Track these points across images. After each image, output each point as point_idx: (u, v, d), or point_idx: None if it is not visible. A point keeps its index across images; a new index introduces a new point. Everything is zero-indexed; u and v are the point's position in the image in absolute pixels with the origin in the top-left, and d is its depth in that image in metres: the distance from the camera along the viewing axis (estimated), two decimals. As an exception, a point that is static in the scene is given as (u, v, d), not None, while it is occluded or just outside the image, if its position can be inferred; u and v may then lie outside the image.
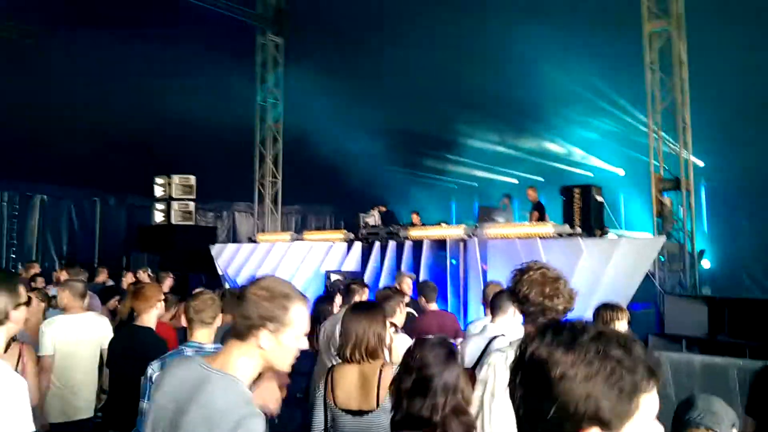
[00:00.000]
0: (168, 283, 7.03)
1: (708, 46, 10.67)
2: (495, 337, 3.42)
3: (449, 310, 8.13)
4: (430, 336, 2.25)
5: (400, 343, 3.32)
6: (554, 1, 11.67)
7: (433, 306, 5.77)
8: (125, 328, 4.08)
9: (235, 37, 14.91)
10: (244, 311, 1.71)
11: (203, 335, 3.08)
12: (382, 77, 15.07)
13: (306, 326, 1.78)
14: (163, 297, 4.08)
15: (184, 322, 3.30)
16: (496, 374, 2.39)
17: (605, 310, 3.81)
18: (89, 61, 12.54)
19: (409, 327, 4.63)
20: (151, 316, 3.83)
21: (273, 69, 15.19)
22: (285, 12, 14.98)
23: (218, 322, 3.21)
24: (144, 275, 8.54)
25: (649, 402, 1.00)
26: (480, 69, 14.17)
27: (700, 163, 13.71)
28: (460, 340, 5.19)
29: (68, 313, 4.28)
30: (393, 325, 3.51)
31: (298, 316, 1.75)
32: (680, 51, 9.00)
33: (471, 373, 3.04)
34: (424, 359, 2.09)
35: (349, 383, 2.73)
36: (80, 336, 4.21)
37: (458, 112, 15.46)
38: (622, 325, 3.78)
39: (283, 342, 1.72)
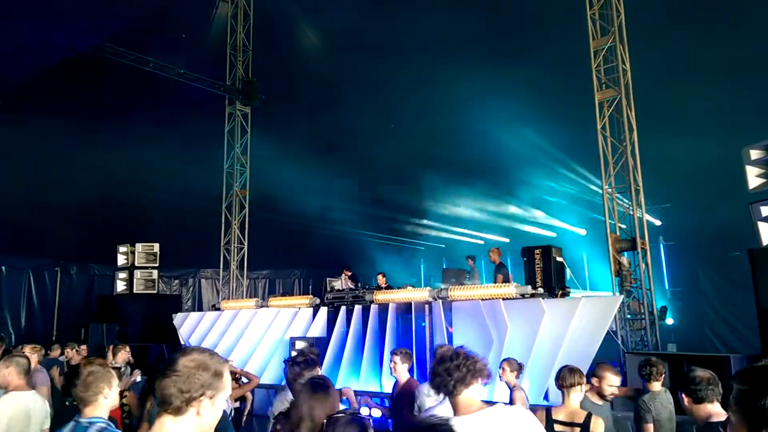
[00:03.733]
0: (122, 356, 6.78)
1: (656, 111, 11.32)
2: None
3: (415, 372, 8.04)
4: (340, 414, 2.20)
5: None
6: (515, 76, 12.24)
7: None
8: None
9: (203, 106, 15.20)
10: (181, 386, 1.73)
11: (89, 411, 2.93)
12: (347, 145, 15.44)
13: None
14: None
15: None
16: None
17: (568, 373, 3.83)
18: (50, 133, 12.58)
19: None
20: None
21: (240, 137, 15.42)
22: (253, 83, 15.38)
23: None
24: (71, 353, 8.22)
25: None
26: (446, 138, 14.66)
27: (658, 223, 14.19)
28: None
29: (13, 390, 4.08)
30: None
31: (228, 379, 1.85)
32: (629, 117, 9.48)
33: None
34: None
35: None
36: (28, 414, 3.99)
37: (425, 177, 15.84)
38: (578, 393, 3.80)
39: (216, 406, 1.80)
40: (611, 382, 4.26)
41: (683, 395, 3.11)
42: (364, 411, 5.17)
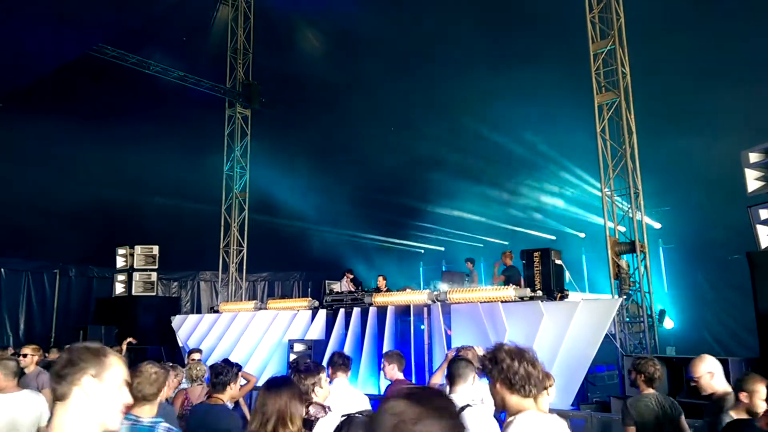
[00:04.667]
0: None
1: (655, 113, 11.32)
2: (463, 408, 3.20)
3: (413, 375, 8.05)
4: (357, 413, 2.17)
5: (327, 424, 3.13)
6: (515, 79, 12.26)
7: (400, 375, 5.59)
8: None
9: (203, 109, 15.21)
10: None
11: (144, 410, 2.99)
12: (347, 147, 15.44)
13: None
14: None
15: None
16: None
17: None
18: (50, 135, 12.59)
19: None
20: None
21: (240, 139, 15.44)
22: (254, 86, 15.40)
23: (162, 396, 3.12)
24: (53, 356, 8.24)
25: None
26: (446, 141, 14.66)
27: (657, 226, 14.19)
28: None
29: (1, 392, 4.10)
30: (314, 404, 3.32)
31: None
32: (629, 121, 9.48)
33: None
34: None
35: None
36: (16, 415, 4.00)
37: (425, 180, 15.85)
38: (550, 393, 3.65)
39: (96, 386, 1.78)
40: (763, 396, 3.52)
41: None
42: None
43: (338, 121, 15.14)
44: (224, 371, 4.14)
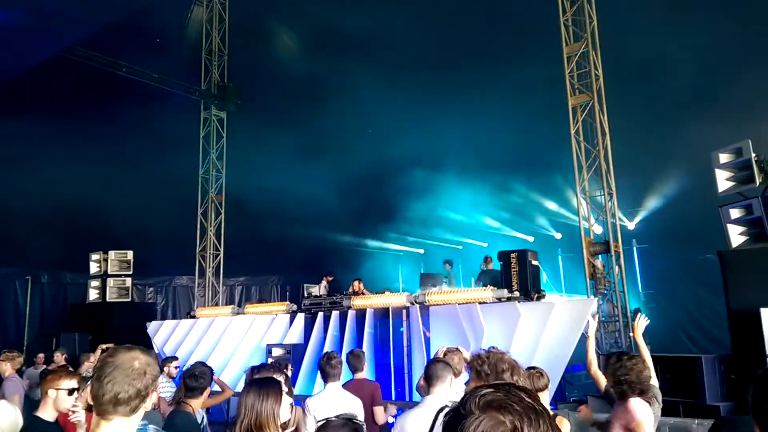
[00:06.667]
0: (86, 365, 6.66)
1: (628, 118, 11.51)
2: (441, 410, 3.24)
3: (392, 377, 8.04)
4: (333, 417, 2.16)
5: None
6: (492, 80, 12.37)
7: (361, 374, 5.56)
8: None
9: (178, 111, 15.02)
10: (138, 386, 1.74)
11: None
12: (324, 148, 15.39)
13: None
14: (58, 385, 3.51)
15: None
16: None
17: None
18: (18, 138, 12.32)
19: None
20: (46, 405, 3.47)
21: (216, 142, 15.28)
22: (229, 88, 15.26)
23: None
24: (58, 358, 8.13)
25: None
26: (424, 142, 14.71)
27: (631, 226, 14.41)
28: (379, 407, 5.13)
29: None
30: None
31: None
32: (602, 122, 9.62)
33: None
34: None
35: None
36: None
37: (403, 182, 15.86)
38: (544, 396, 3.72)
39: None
40: None
41: None
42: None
43: (315, 121, 15.09)
44: (203, 375, 3.88)
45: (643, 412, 3.36)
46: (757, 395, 1.44)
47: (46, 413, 3.44)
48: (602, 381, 3.78)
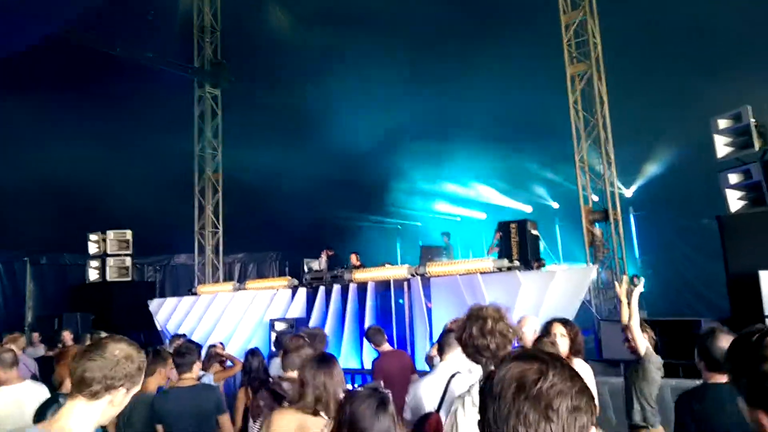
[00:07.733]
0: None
1: (626, 86, 11.45)
2: (453, 376, 3.34)
3: (395, 348, 8.12)
4: (360, 388, 2.20)
5: None
6: (488, 51, 12.24)
7: (386, 347, 5.77)
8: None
9: (172, 89, 14.85)
10: (107, 372, 1.76)
11: None
12: (320, 124, 15.27)
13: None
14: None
15: None
16: (460, 420, 2.37)
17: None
18: (13, 118, 12.18)
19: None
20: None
21: (211, 120, 15.16)
22: (222, 65, 15.07)
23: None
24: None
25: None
26: (420, 115, 14.61)
27: (628, 194, 14.46)
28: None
29: (3, 385, 4.02)
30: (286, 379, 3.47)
31: (142, 376, 1.90)
32: (600, 91, 9.59)
33: (437, 417, 3.02)
34: (354, 414, 2.05)
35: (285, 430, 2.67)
36: (23, 407, 3.92)
37: (400, 155, 15.81)
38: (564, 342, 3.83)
39: (127, 398, 1.85)
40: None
41: None
42: None
43: (310, 97, 14.96)
44: (189, 351, 4.17)
45: None
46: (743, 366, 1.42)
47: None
48: (641, 345, 3.78)
